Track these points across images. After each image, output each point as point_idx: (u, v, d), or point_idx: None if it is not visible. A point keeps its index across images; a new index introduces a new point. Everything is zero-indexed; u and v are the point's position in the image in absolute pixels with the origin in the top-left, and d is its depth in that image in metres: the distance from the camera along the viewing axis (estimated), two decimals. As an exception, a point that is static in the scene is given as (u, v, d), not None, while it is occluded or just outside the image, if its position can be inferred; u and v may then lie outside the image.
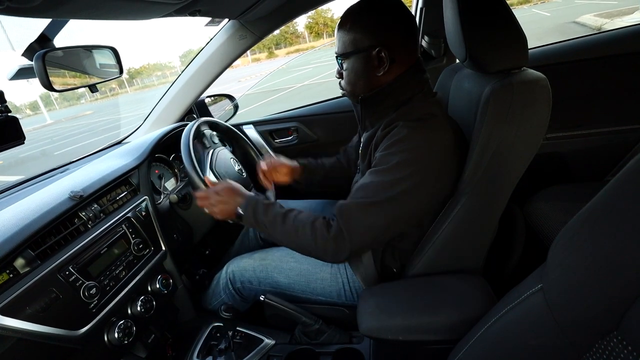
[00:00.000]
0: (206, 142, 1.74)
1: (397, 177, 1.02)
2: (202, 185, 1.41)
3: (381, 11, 1.09)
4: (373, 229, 1.06)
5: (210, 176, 1.51)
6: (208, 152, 1.64)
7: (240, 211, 1.23)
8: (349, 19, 1.12)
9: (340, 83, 1.25)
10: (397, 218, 1.06)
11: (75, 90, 1.31)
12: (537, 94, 0.98)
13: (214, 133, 1.83)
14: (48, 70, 1.12)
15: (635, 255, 0.48)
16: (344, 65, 1.18)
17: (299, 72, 19.17)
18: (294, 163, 1.66)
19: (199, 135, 1.71)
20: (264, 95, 13.15)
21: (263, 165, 1.61)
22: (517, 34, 0.99)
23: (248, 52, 1.98)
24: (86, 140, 14.64)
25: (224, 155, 1.66)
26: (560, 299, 0.58)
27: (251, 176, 1.73)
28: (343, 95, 1.26)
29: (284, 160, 1.64)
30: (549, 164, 2.01)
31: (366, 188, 1.07)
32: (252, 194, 1.28)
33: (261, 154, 2.11)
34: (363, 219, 1.05)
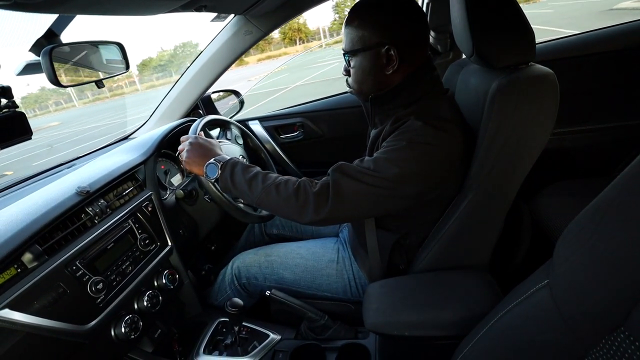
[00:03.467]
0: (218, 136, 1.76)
1: (399, 156, 1.01)
2: (193, 133, 1.40)
3: (392, 7, 1.07)
4: (359, 197, 1.04)
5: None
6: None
7: (214, 163, 1.20)
8: (357, 14, 1.10)
9: (347, 80, 1.23)
10: (384, 196, 1.03)
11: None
12: (544, 89, 0.97)
13: (230, 130, 1.83)
14: (55, 66, 1.13)
15: None
16: (352, 63, 1.16)
17: (329, 65, 18.99)
18: None
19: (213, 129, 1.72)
20: (329, 85, 12.98)
21: None
22: (524, 28, 0.98)
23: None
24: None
25: (232, 151, 1.66)
26: (567, 295, 0.58)
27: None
28: (351, 93, 1.24)
29: None
30: (555, 159, 2.00)
31: (368, 161, 1.06)
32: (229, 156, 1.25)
33: (267, 149, 2.11)
34: (353, 183, 1.03)
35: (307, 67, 21.39)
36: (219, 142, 1.62)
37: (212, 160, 1.21)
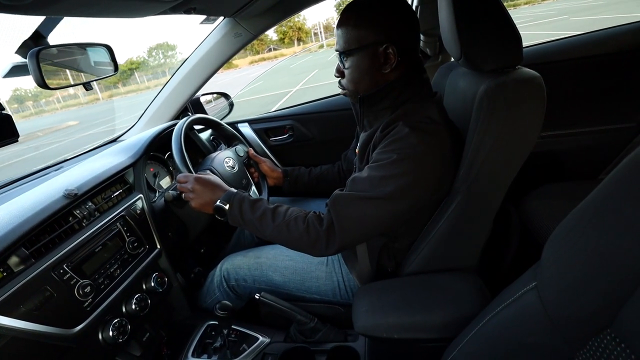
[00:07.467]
0: (202, 148, 1.75)
1: (393, 172, 1.02)
2: (185, 169, 1.40)
3: (387, 7, 1.08)
4: (363, 223, 1.06)
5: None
6: (208, 157, 1.65)
7: (221, 204, 1.21)
8: (353, 14, 1.10)
9: (340, 82, 1.23)
10: (387, 214, 1.05)
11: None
12: (531, 92, 0.98)
13: (208, 137, 1.83)
14: (42, 68, 1.11)
15: (628, 253, 0.48)
16: (347, 63, 1.16)
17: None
18: (277, 168, 1.79)
19: (191, 139, 1.72)
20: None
21: (252, 151, 1.79)
22: (511, 32, 0.99)
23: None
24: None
25: (219, 156, 1.65)
26: (554, 297, 0.58)
27: (243, 172, 1.72)
28: (344, 95, 1.24)
29: (269, 163, 1.79)
30: (543, 162, 2.02)
31: (362, 181, 1.07)
32: (234, 190, 1.27)
33: (255, 151, 2.11)
34: (355, 212, 1.06)
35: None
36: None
37: (218, 203, 1.21)
